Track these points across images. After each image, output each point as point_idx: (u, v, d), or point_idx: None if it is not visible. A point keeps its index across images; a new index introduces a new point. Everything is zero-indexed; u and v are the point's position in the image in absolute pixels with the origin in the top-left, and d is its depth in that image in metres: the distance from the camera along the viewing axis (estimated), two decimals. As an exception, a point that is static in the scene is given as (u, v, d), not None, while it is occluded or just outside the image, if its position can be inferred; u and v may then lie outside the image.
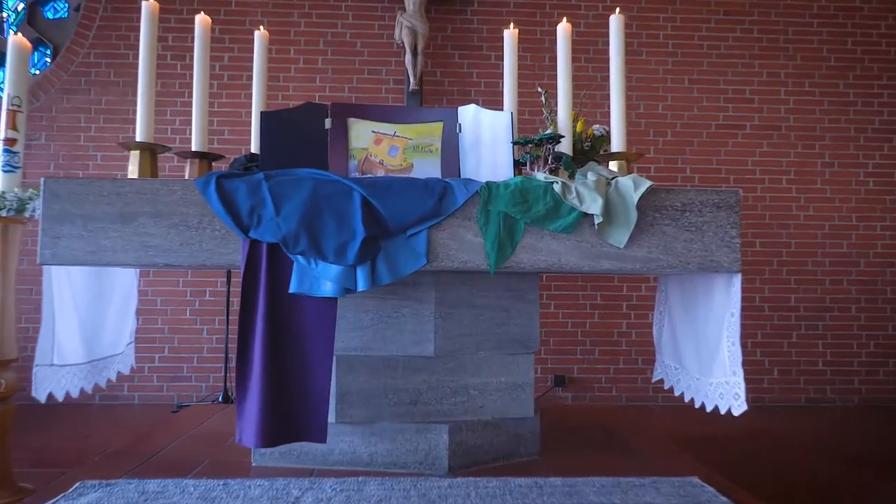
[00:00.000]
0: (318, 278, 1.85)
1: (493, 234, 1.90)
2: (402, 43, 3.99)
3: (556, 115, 2.81)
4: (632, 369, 4.20)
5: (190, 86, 2.37)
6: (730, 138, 4.29)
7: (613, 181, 1.97)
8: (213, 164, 2.48)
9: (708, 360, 2.15)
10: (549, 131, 2.65)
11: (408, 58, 3.97)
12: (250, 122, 2.58)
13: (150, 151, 2.24)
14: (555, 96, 2.77)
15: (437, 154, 2.47)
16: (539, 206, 1.91)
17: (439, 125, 2.49)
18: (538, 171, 2.11)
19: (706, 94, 4.30)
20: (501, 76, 4.56)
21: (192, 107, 2.36)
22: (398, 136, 2.47)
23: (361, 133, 2.46)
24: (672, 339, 2.52)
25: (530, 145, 2.18)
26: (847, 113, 4.34)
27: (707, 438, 3.28)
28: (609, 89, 2.41)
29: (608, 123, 3.22)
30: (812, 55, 4.35)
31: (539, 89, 2.86)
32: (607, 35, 2.43)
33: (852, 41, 4.35)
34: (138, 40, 2.22)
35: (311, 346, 1.90)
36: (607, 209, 1.90)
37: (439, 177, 2.45)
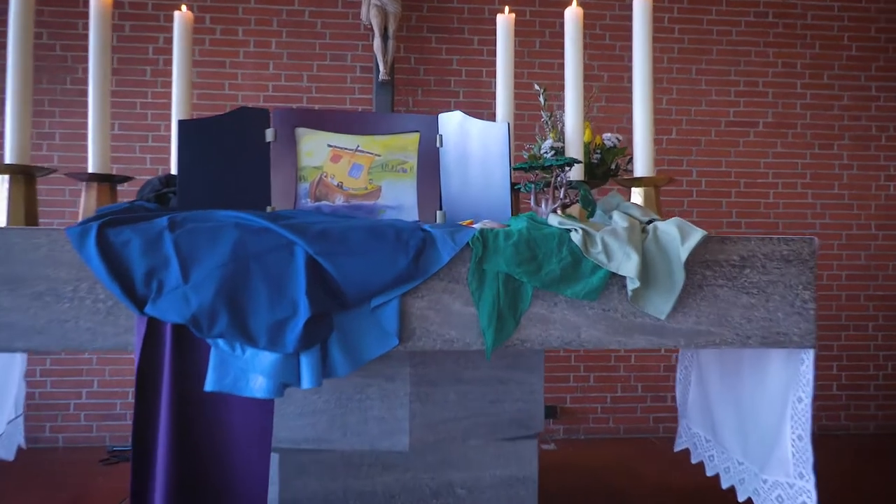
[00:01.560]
0: (246, 371, 1.31)
1: (489, 303, 1.38)
2: (371, 24, 3.40)
3: (558, 119, 2.30)
4: (631, 398, 3.75)
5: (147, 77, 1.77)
6: (740, 137, 3.82)
7: (651, 227, 1.46)
8: (120, 188, 1.91)
9: (760, 448, 1.68)
10: (548, 142, 2.13)
11: (377, 42, 3.39)
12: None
13: (25, 176, 1.66)
14: (555, 96, 2.24)
15: (411, 174, 1.93)
16: (552, 263, 1.39)
17: (415, 137, 1.95)
18: (546, 207, 1.59)
19: (715, 87, 3.81)
20: (485, 64, 4.02)
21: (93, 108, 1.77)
22: (362, 152, 1.92)
23: (314, 147, 1.91)
24: (703, 405, 2.04)
25: (536, 171, 1.65)
26: (868, 109, 3.89)
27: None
28: (620, 88, 1.88)
29: (612, 128, 2.70)
30: (832, 43, 3.88)
31: (537, 87, 2.33)
32: (607, 19, 1.90)
33: (876, 28, 3.89)
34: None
35: (237, 444, 1.38)
36: (645, 268, 1.39)
37: (414, 200, 1.92)
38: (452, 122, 1.92)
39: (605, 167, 2.15)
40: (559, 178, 1.58)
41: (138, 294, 1.30)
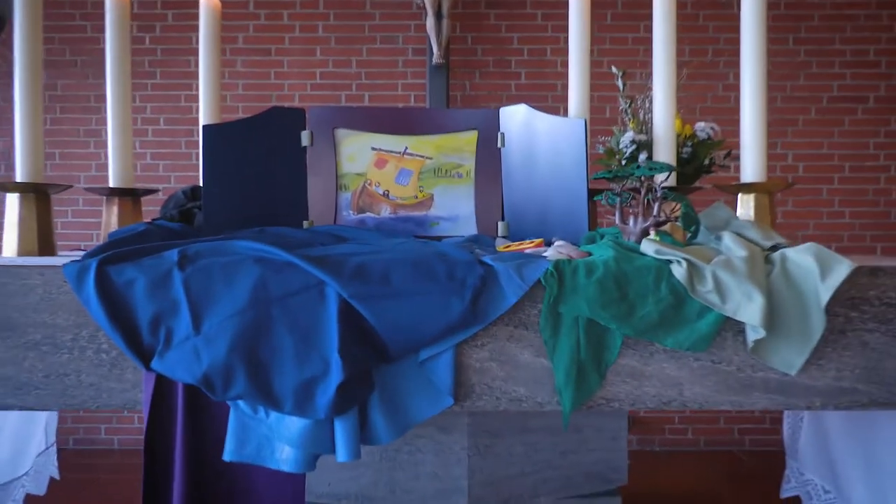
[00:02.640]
0: (270, 438, 1.08)
1: (567, 354, 1.10)
2: (423, 2, 3.11)
3: (639, 109, 1.96)
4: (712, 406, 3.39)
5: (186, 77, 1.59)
6: (846, 115, 3.33)
7: (778, 257, 1.13)
8: (145, 205, 1.72)
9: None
10: (629, 134, 1.80)
11: (430, 21, 3.10)
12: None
13: (37, 195, 1.48)
14: (630, 76, 1.91)
15: (468, 180, 1.66)
16: (648, 305, 1.10)
17: (471, 136, 1.66)
18: (635, 225, 1.28)
19: (816, 58, 3.32)
20: (550, 41, 3.63)
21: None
22: (411, 155, 1.66)
23: (357, 151, 1.66)
24: (820, 449, 1.70)
25: (625, 182, 1.34)
26: None
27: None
28: (703, 64, 1.54)
29: (694, 109, 2.33)
30: (958, 1, 3.31)
31: (614, 69, 2.00)
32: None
33: None
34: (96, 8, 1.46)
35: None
36: (771, 311, 1.07)
37: (471, 210, 1.65)
38: (516, 118, 1.63)
39: (698, 163, 1.81)
40: (654, 191, 1.26)
41: (144, 344, 1.09)
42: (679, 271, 1.10)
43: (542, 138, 1.58)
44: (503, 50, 3.37)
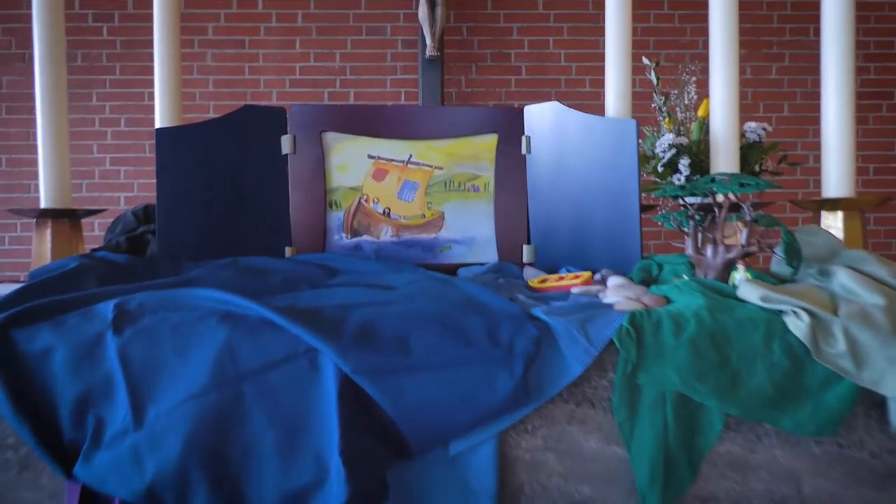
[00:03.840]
0: (244, 570, 0.78)
1: (651, 441, 0.81)
2: (414, -12, 2.80)
3: (674, 104, 1.70)
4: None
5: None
6: (870, 112, 3.10)
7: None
8: (90, 229, 1.39)
9: None
10: (667, 136, 1.53)
11: (422, 9, 2.79)
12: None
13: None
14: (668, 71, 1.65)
15: (486, 194, 1.36)
16: (758, 373, 0.81)
17: (490, 141, 1.37)
18: (715, 256, 1.00)
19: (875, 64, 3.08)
20: (552, 31, 3.31)
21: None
22: (416, 164, 1.36)
23: (350, 159, 1.35)
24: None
25: (687, 199, 1.06)
26: None
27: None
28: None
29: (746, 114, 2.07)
30: None
31: (645, 61, 1.73)
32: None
33: None
34: None
35: None
36: (923, 380, 0.80)
37: (490, 232, 1.35)
38: (545, 119, 1.33)
39: (748, 169, 1.54)
40: (742, 212, 0.98)
41: (64, 441, 0.78)
42: (798, 326, 0.82)
43: (579, 142, 1.29)
44: (502, 42, 3.07)
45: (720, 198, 1.06)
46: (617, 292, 0.95)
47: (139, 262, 1.16)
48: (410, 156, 1.35)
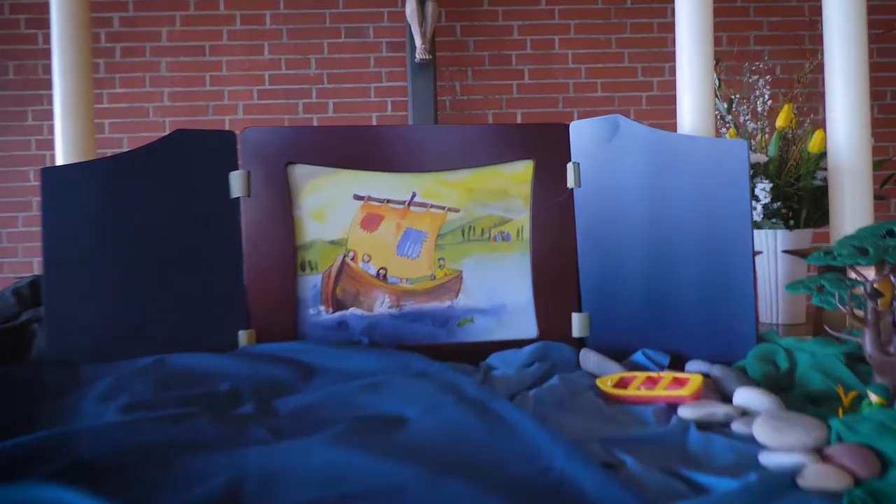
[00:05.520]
0: None
1: None
2: (399, -17, 2.42)
3: (739, 115, 1.36)
4: None
5: None
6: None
7: None
8: None
9: None
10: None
11: (410, 6, 2.41)
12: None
13: None
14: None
15: (520, 242, 0.99)
16: None
17: (524, 169, 0.99)
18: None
19: None
20: (558, 30, 2.84)
21: None
22: (422, 206, 0.97)
23: (328, 201, 0.97)
24: None
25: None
26: None
27: None
28: None
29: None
30: None
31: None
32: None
33: None
34: None
35: None
36: None
37: (528, 295, 0.98)
38: (600, 137, 0.96)
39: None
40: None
41: None
42: None
43: (654, 171, 0.91)
44: (501, 42, 2.69)
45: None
46: (772, 430, 0.57)
47: (13, 374, 0.77)
48: (414, 194, 0.97)
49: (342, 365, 0.83)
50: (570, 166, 0.97)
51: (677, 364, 0.86)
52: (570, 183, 0.97)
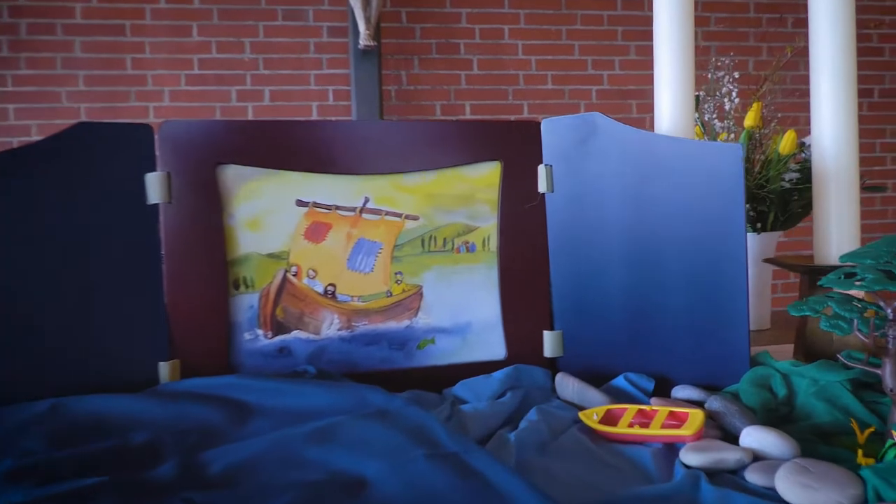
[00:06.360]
0: None
1: None
2: (341, -36, 2.26)
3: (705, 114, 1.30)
4: None
5: None
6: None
7: None
8: None
9: None
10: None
11: (352, -10, 2.26)
12: None
13: None
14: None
15: (486, 254, 0.88)
16: None
17: (491, 171, 0.88)
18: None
19: None
20: (508, 19, 2.61)
21: None
22: (375, 212, 0.85)
23: (266, 209, 0.83)
24: None
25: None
26: None
27: None
28: None
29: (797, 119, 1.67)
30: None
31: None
32: None
33: None
34: None
35: None
36: None
37: (496, 311, 0.88)
38: (575, 137, 0.86)
39: (809, 198, 1.14)
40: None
41: None
42: None
43: (636, 176, 0.82)
44: (449, 30, 2.57)
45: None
46: (800, 487, 0.49)
47: None
48: (366, 199, 0.85)
49: (285, 403, 0.70)
50: (541, 169, 0.87)
51: (663, 388, 0.78)
52: (542, 187, 0.87)
